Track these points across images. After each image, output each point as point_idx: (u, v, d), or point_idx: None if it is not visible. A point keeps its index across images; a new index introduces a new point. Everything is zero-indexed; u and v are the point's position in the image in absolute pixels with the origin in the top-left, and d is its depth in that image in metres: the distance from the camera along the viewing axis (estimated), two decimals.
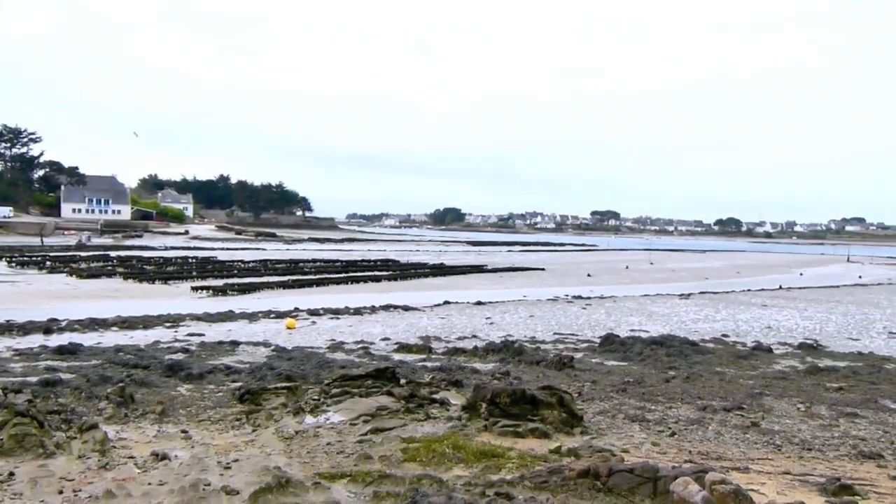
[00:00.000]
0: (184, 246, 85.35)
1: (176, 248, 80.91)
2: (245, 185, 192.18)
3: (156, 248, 76.05)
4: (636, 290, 44.72)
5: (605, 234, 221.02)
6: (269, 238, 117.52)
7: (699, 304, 36.60)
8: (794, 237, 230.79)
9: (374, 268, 58.41)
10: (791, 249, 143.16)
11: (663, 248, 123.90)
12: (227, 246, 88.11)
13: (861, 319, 31.60)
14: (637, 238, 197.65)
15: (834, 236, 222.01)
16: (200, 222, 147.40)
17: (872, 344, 24.39)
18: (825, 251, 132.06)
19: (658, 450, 9.93)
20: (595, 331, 25.59)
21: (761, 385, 15.87)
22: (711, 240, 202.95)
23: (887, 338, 26.07)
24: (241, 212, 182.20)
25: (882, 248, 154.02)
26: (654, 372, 17.52)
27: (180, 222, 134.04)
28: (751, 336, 25.41)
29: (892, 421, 12.59)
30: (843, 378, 17.22)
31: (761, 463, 9.53)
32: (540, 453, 8.63)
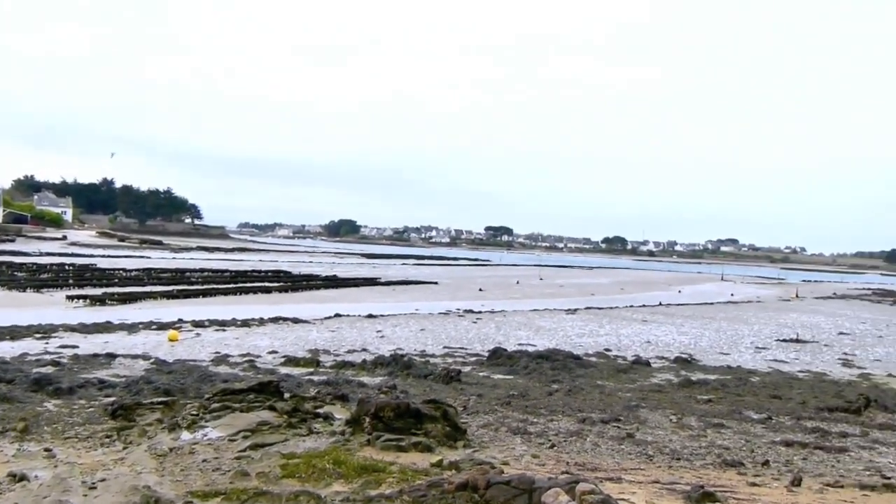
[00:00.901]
0: (61, 252, 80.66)
1: (52, 254, 76.37)
2: (130, 190, 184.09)
3: (29, 254, 71.57)
4: (526, 304, 45.71)
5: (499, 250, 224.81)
6: (155, 246, 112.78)
7: (585, 319, 37.79)
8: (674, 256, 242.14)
9: (265, 279, 57.10)
10: (671, 268, 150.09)
11: (553, 265, 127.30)
12: (108, 253, 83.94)
13: (731, 335, 33.48)
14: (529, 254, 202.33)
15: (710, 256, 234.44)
16: (81, 228, 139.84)
17: (741, 358, 25.87)
18: (702, 270, 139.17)
19: (537, 461, 10.17)
20: (484, 344, 25.96)
21: (638, 398, 16.53)
22: (599, 257, 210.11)
23: (754, 352, 27.74)
24: (125, 218, 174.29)
25: (752, 268, 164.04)
26: (539, 385, 17.95)
27: (58, 227, 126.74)
28: (631, 350, 26.42)
29: (754, 431, 13.40)
30: (713, 391, 18.19)
31: (633, 473, 9.93)
32: (422, 467, 8.67)
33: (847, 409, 15.61)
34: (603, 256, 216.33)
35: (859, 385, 20.63)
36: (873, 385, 20.83)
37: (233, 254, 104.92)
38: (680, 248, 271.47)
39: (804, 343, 31.48)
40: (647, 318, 39.39)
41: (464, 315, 36.78)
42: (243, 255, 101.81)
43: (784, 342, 31.49)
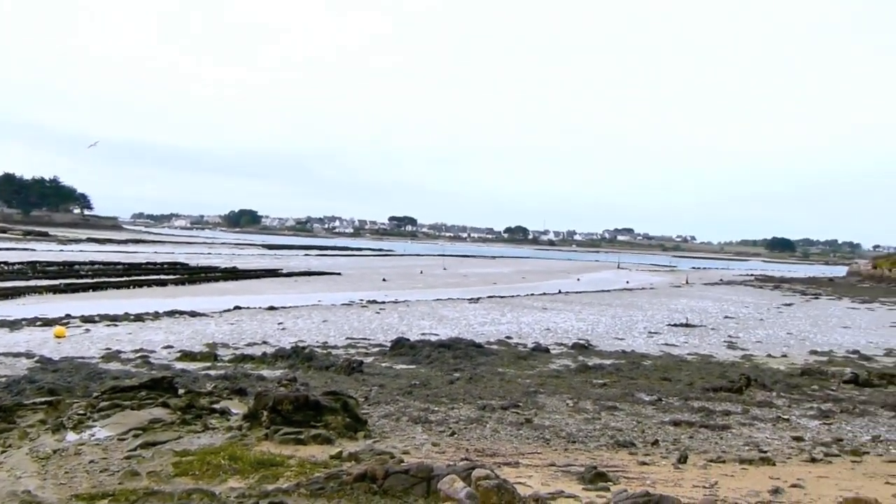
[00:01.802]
0: None
1: None
2: (12, 179, 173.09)
3: None
4: (429, 294, 45.98)
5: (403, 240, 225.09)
6: (41, 237, 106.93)
7: (487, 307, 38.35)
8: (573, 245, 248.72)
9: (161, 271, 55.17)
10: (571, 256, 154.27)
11: (457, 254, 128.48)
12: None
13: (626, 321, 34.74)
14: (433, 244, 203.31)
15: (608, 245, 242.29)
16: None
17: (634, 343, 26.90)
18: (600, 258, 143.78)
19: (437, 449, 10.29)
20: (387, 335, 25.96)
21: (537, 384, 16.94)
22: (501, 246, 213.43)
23: (647, 337, 28.90)
24: (6, 208, 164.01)
25: (647, 256, 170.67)
26: (441, 374, 18.12)
27: None
28: (532, 337, 27.01)
29: (645, 412, 13.99)
30: (608, 375, 18.83)
31: (531, 457, 10.18)
32: (321, 460, 8.62)
33: (730, 389, 16.50)
34: (505, 246, 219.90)
35: (742, 366, 21.82)
36: (754, 365, 22.07)
37: (126, 245, 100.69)
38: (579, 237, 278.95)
39: (693, 327, 33.02)
40: (547, 306, 40.34)
41: (367, 305, 36.65)
42: (137, 247, 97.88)
43: (675, 327, 32.92)
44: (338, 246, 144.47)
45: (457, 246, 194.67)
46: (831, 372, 20.20)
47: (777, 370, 20.93)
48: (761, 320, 37.98)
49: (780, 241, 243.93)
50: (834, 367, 21.52)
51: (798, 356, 24.73)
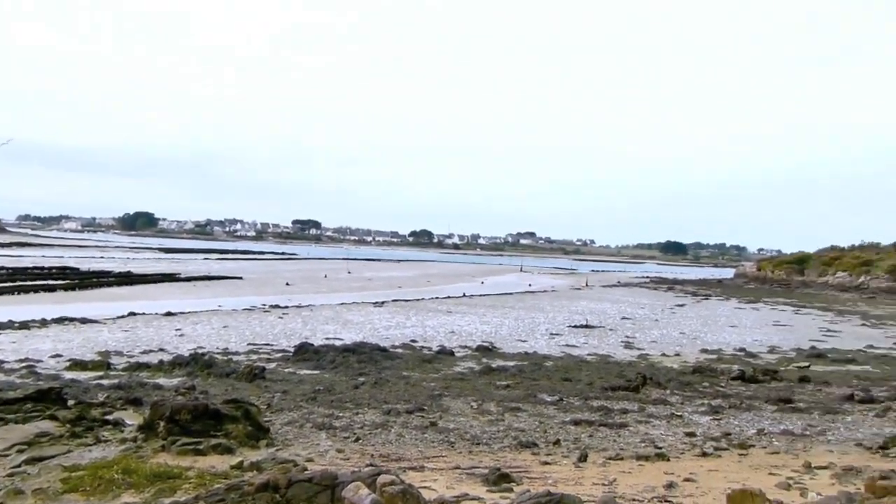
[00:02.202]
0: None
1: None
2: None
3: None
4: (334, 298, 45.50)
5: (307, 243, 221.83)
6: None
7: (392, 311, 38.30)
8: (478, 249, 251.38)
9: (49, 276, 52.31)
10: (475, 260, 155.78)
11: (362, 258, 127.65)
12: None
13: (529, 323, 35.43)
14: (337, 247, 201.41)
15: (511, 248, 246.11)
16: None
17: (537, 344, 27.46)
18: (503, 262, 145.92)
19: (342, 456, 10.20)
20: (290, 340, 25.52)
21: (442, 387, 17.04)
22: (406, 250, 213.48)
23: (548, 338, 29.57)
24: None
25: (548, 260, 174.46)
26: (345, 379, 17.96)
27: None
28: (436, 341, 27.15)
29: (547, 412, 14.31)
30: (511, 376, 19.15)
31: (436, 460, 10.24)
32: (221, 470, 8.39)
33: (627, 388, 17.08)
34: (410, 249, 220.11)
35: (638, 365, 22.64)
36: (650, 364, 22.94)
37: (10, 249, 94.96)
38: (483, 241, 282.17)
39: (592, 328, 34.01)
40: (451, 309, 40.65)
41: (269, 310, 35.94)
42: (23, 251, 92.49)
43: (575, 328, 33.81)
44: (239, 249, 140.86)
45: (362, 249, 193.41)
46: (720, 369, 21.21)
47: (671, 368, 21.81)
48: (656, 321, 39.50)
49: (674, 245, 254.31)
50: (723, 365, 22.60)
51: (690, 355, 25.84)
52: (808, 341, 31.09)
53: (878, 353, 27.40)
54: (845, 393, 17.26)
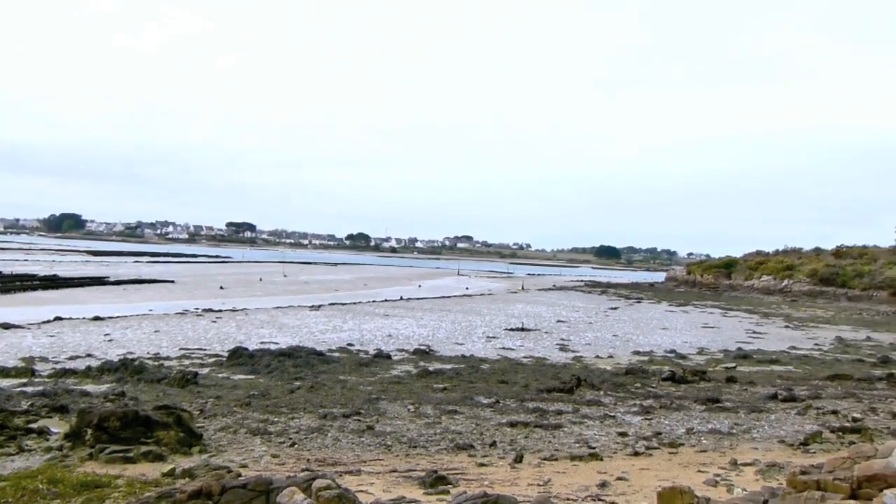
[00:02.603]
0: None
1: None
2: None
3: None
4: (269, 302, 44.86)
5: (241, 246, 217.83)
6: None
7: (328, 315, 37.98)
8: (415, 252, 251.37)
9: None
10: (412, 263, 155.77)
11: (298, 261, 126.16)
12: None
13: (466, 326, 35.61)
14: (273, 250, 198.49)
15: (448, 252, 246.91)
16: None
17: (473, 347, 27.63)
18: (440, 265, 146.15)
19: (277, 461, 10.07)
20: (224, 344, 25.06)
21: (379, 390, 16.99)
22: (343, 253, 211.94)
23: (485, 341, 29.77)
24: None
25: (485, 263, 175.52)
26: (281, 383, 17.73)
27: None
28: (373, 344, 27.04)
29: (483, 414, 14.41)
30: (448, 379, 19.22)
31: (373, 464, 10.21)
32: (152, 478, 8.18)
33: (562, 389, 17.35)
34: (347, 253, 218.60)
35: (573, 367, 23.01)
36: (584, 366, 23.34)
37: None
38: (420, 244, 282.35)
39: (528, 331, 34.40)
40: (388, 313, 40.55)
41: (203, 314, 35.20)
42: None
43: (512, 331, 34.15)
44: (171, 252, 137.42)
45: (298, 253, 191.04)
46: (652, 370, 21.74)
47: (604, 370, 22.23)
48: (590, 323, 40.19)
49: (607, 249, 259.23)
50: (654, 366, 23.17)
51: (623, 356, 26.40)
52: (735, 343, 32.11)
53: (800, 354, 28.49)
54: (769, 392, 17.91)
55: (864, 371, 22.81)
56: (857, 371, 22.71)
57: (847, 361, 26.32)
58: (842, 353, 29.09)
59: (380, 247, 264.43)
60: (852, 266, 72.87)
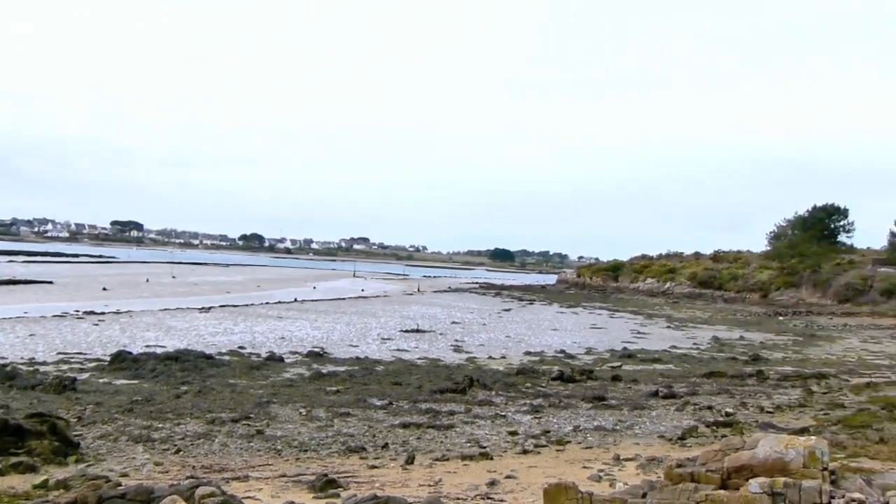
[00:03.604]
0: None
1: None
2: None
3: None
4: (156, 304, 43.15)
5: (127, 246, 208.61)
6: None
7: (219, 317, 36.93)
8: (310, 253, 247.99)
9: None
10: (307, 265, 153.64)
11: (187, 262, 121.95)
12: None
13: (361, 328, 35.44)
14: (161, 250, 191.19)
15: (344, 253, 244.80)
16: None
17: (368, 349, 27.53)
18: (336, 267, 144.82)
19: (160, 469, 9.74)
20: (106, 348, 23.91)
21: (270, 394, 16.67)
22: (236, 254, 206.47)
23: (380, 343, 29.72)
24: None
25: (382, 265, 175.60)
26: (167, 388, 17.11)
27: None
28: (266, 347, 26.49)
29: (376, 416, 14.41)
30: (342, 381, 19.08)
31: (261, 469, 10.03)
32: (22, 490, 7.76)
33: (455, 390, 17.55)
34: (240, 254, 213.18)
35: (466, 368, 23.30)
36: (477, 367, 23.68)
37: None
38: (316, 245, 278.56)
39: (423, 333, 34.57)
40: (282, 315, 39.84)
41: (84, 317, 33.48)
42: None
43: (406, 332, 34.23)
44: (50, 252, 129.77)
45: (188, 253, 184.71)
46: (542, 370, 22.31)
47: (497, 370, 22.63)
48: (484, 325, 40.82)
49: (502, 252, 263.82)
50: (544, 366, 23.78)
51: (515, 357, 26.95)
52: (621, 343, 33.38)
53: (680, 353, 29.92)
54: (651, 390, 18.74)
55: (736, 368, 24.20)
56: (730, 368, 24.07)
57: (722, 359, 27.84)
58: (717, 352, 30.75)
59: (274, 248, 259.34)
60: (728, 270, 77.26)
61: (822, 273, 65.54)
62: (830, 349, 33.19)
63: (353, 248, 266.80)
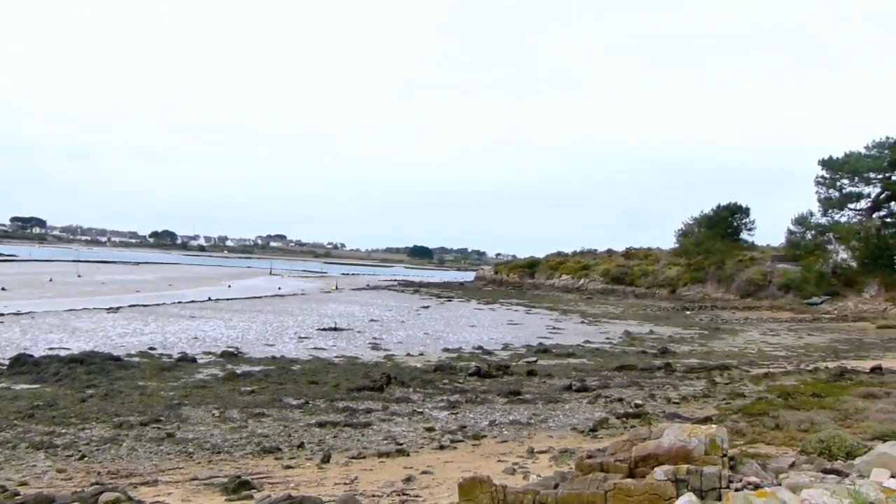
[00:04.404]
0: None
1: None
2: None
3: None
4: (60, 304, 41.26)
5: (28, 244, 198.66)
6: None
7: (128, 317, 35.65)
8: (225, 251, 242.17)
9: None
10: (222, 262, 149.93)
11: (95, 260, 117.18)
12: None
13: (278, 327, 34.89)
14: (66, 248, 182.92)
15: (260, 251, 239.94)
16: None
17: (285, 348, 27.13)
18: (252, 265, 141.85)
19: (63, 476, 9.37)
20: (5, 352, 22.73)
21: (181, 395, 16.24)
22: (147, 252, 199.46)
23: (297, 342, 29.34)
24: None
25: (299, 263, 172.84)
26: (71, 392, 16.42)
27: None
28: (178, 347, 25.75)
29: (292, 416, 14.25)
30: (257, 381, 18.75)
31: (172, 473, 9.78)
32: None
33: (372, 388, 17.52)
34: (151, 251, 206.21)
35: (384, 365, 23.27)
36: (395, 364, 23.69)
37: None
38: (231, 243, 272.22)
39: (341, 331, 34.31)
40: (195, 314, 38.80)
41: None
42: None
43: (324, 331, 33.89)
44: None
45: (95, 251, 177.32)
46: (460, 367, 22.52)
47: (415, 367, 22.70)
48: (403, 322, 40.85)
49: (420, 249, 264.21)
50: (462, 362, 24.00)
51: (433, 354, 27.08)
52: (537, 338, 34.01)
53: (593, 347, 30.72)
54: (565, 384, 19.19)
55: (646, 361, 25.05)
56: (640, 362, 24.90)
57: (633, 353, 28.75)
58: (628, 346, 31.72)
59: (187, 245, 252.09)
60: (639, 266, 79.75)
61: (726, 269, 68.48)
62: (733, 342, 34.75)
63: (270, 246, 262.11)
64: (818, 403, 15.40)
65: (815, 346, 33.12)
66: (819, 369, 22.80)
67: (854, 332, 41.32)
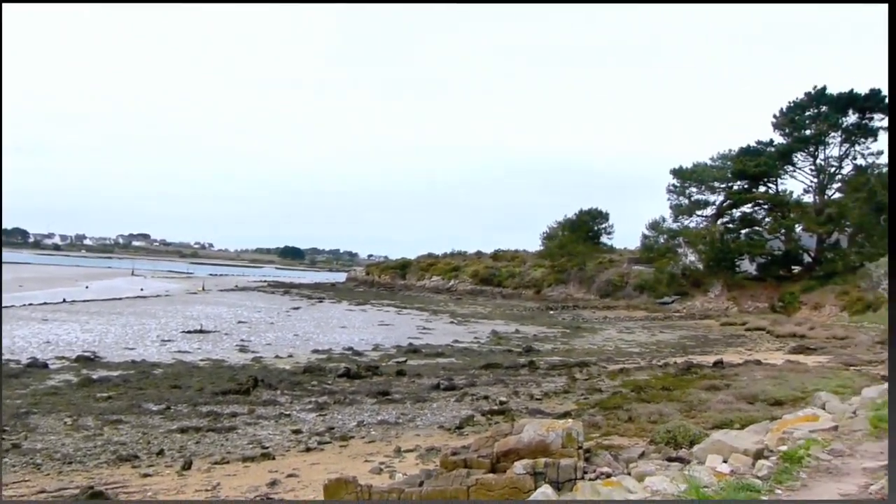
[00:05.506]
0: None
1: None
2: None
3: None
4: None
5: None
6: None
7: None
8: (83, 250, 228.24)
9: None
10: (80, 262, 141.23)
11: None
12: None
13: (139, 329, 33.37)
14: None
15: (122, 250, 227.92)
16: None
17: (146, 352, 26.01)
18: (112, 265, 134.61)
19: None
20: None
21: (30, 403, 15.30)
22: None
23: (160, 345, 28.19)
24: None
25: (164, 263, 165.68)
26: None
27: None
28: (27, 352, 24.17)
29: (152, 422, 13.77)
30: (115, 387, 17.93)
31: (16, 486, 9.27)
32: None
33: (238, 391, 17.18)
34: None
35: (252, 368, 22.80)
36: (263, 367, 23.26)
37: None
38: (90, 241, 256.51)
39: (207, 333, 33.25)
40: (48, 317, 36.46)
41: None
42: None
43: (189, 333, 32.73)
44: None
45: None
46: (329, 368, 22.41)
47: (283, 370, 22.40)
48: (272, 324, 40.08)
49: (292, 250, 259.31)
50: (332, 364, 23.88)
51: (303, 355, 26.78)
52: (407, 338, 34.31)
53: (462, 347, 31.37)
54: (433, 383, 19.56)
55: (511, 360, 25.88)
56: (506, 360, 25.70)
57: (499, 352, 29.60)
58: (495, 345, 32.61)
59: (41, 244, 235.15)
60: (507, 268, 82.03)
61: (587, 271, 71.68)
62: (593, 340, 36.47)
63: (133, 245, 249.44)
64: (667, 396, 16.56)
65: (666, 342, 35.28)
66: (669, 364, 24.42)
67: (700, 329, 44.35)
